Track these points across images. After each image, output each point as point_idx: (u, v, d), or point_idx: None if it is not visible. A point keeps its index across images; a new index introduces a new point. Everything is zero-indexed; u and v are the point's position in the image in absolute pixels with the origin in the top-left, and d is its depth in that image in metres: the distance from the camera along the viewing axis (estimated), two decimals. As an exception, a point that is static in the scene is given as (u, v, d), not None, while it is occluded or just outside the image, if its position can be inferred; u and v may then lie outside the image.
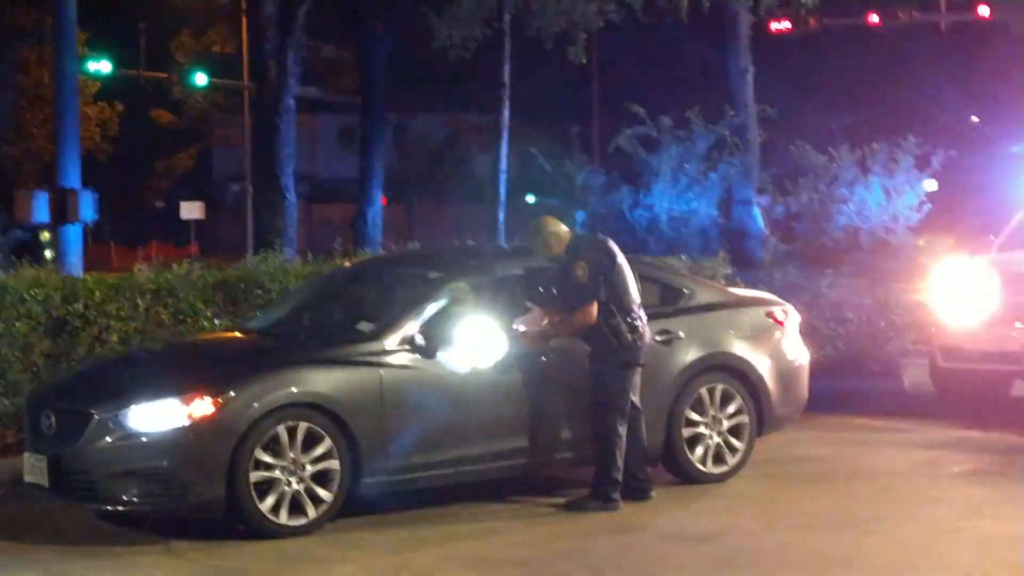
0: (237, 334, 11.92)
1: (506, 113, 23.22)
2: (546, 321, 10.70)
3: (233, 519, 9.75)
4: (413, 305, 10.67)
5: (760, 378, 11.81)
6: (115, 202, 59.71)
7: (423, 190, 62.65)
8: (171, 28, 58.80)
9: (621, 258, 10.79)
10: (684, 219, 19.17)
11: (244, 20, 43.26)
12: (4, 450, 12.34)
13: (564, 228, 10.84)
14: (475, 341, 10.48)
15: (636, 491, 10.86)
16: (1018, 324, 14.59)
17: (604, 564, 9.16)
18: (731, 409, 11.66)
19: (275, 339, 11.31)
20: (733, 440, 11.66)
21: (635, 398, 10.83)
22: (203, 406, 9.61)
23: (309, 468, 9.87)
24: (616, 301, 10.62)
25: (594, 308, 10.55)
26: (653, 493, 10.96)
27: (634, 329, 10.65)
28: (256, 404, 9.71)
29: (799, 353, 12.31)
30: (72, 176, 19.22)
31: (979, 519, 10.24)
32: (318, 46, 35.83)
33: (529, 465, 10.87)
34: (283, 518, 9.79)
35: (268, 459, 9.74)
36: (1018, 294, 14.70)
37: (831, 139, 21.11)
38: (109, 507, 9.80)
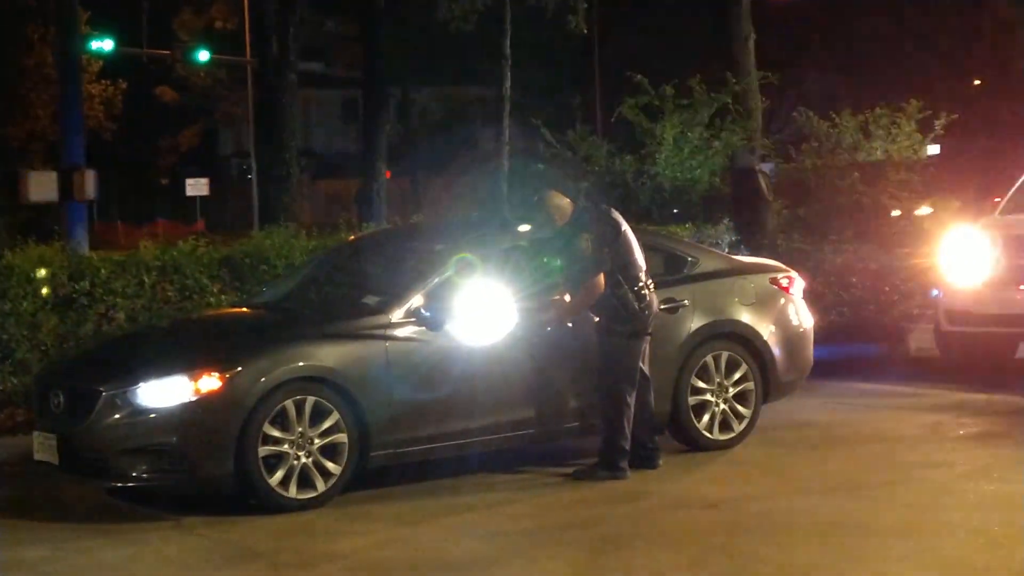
0: (243, 309, 11.96)
1: (508, 84, 23.26)
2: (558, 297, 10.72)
3: (242, 494, 9.80)
4: (418, 278, 10.69)
5: (765, 345, 11.84)
6: (121, 180, 59.76)
7: (427, 163, 62.61)
8: (173, 5, 58.78)
9: (625, 227, 10.80)
10: (688, 187, 19.16)
11: (246, -5, 43.25)
12: (14, 429, 12.40)
13: (567, 200, 10.84)
14: (480, 313, 10.52)
15: (644, 460, 10.91)
16: (1022, 287, 14.60)
17: (612, 533, 9.20)
18: (737, 376, 11.70)
19: (281, 314, 11.34)
20: (739, 407, 11.70)
21: (644, 367, 10.86)
22: (211, 382, 9.66)
23: (317, 442, 9.91)
24: (622, 271, 10.63)
25: (601, 279, 10.56)
26: (660, 461, 11.00)
27: (641, 298, 10.67)
28: (264, 379, 9.75)
29: (804, 319, 12.33)
30: (77, 155, 19.26)
31: (985, 482, 10.28)
32: (320, 20, 35.84)
33: (536, 435, 10.91)
34: (292, 492, 9.83)
35: (276, 433, 9.78)
36: (1022, 257, 14.70)
37: (833, 104, 21.08)
38: (119, 484, 9.85)
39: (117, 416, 9.70)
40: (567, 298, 10.69)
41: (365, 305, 10.76)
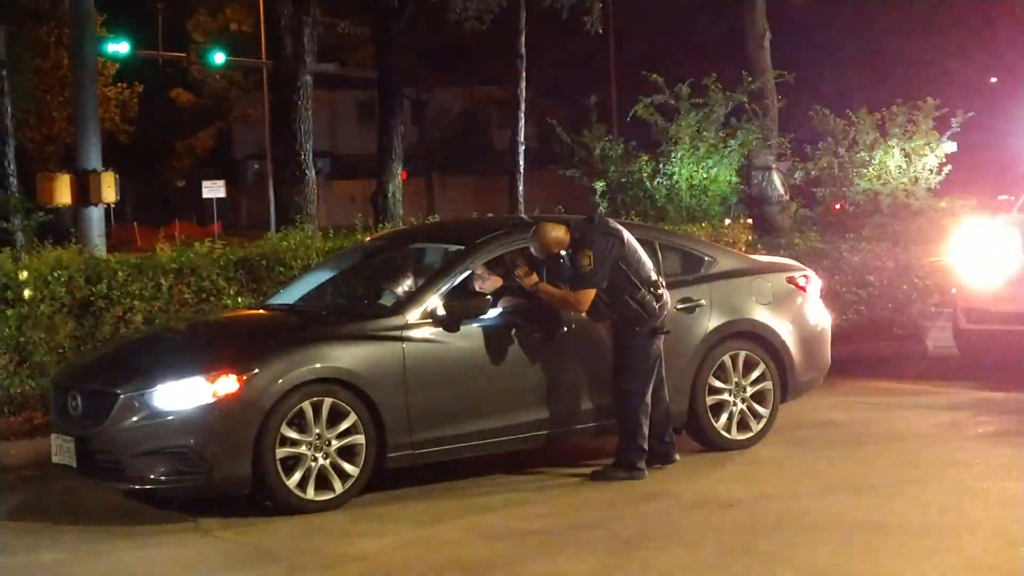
0: (260, 311, 11.96)
1: (523, 84, 23.26)
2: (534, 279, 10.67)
3: (260, 495, 9.80)
4: (435, 278, 10.69)
5: (783, 344, 11.82)
6: (137, 183, 59.92)
7: (443, 163, 62.72)
8: (188, 7, 58.89)
9: (628, 235, 10.76)
10: (704, 186, 19.13)
11: (260, -3, 43.34)
12: (31, 432, 12.41)
13: (562, 228, 10.66)
14: (496, 313, 10.53)
15: (661, 456, 10.90)
16: (1041, 285, 14.56)
17: (630, 533, 9.18)
18: (754, 375, 11.68)
19: (298, 315, 11.36)
20: (757, 406, 11.68)
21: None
22: (228, 383, 9.65)
23: (335, 443, 9.91)
24: (636, 275, 10.61)
25: (591, 296, 10.52)
26: (677, 456, 11.00)
27: (659, 297, 10.68)
28: (281, 380, 9.74)
29: (821, 318, 12.31)
30: (93, 158, 19.28)
31: (1004, 480, 10.24)
32: (334, 21, 35.84)
33: (553, 436, 10.90)
34: (310, 493, 9.83)
35: (294, 435, 9.78)
36: (1040, 254, 14.67)
37: (850, 102, 21.01)
38: (137, 486, 9.85)
39: (134, 418, 9.70)
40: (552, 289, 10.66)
41: (382, 306, 10.77)
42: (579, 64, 52.65)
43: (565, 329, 10.79)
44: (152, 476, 9.70)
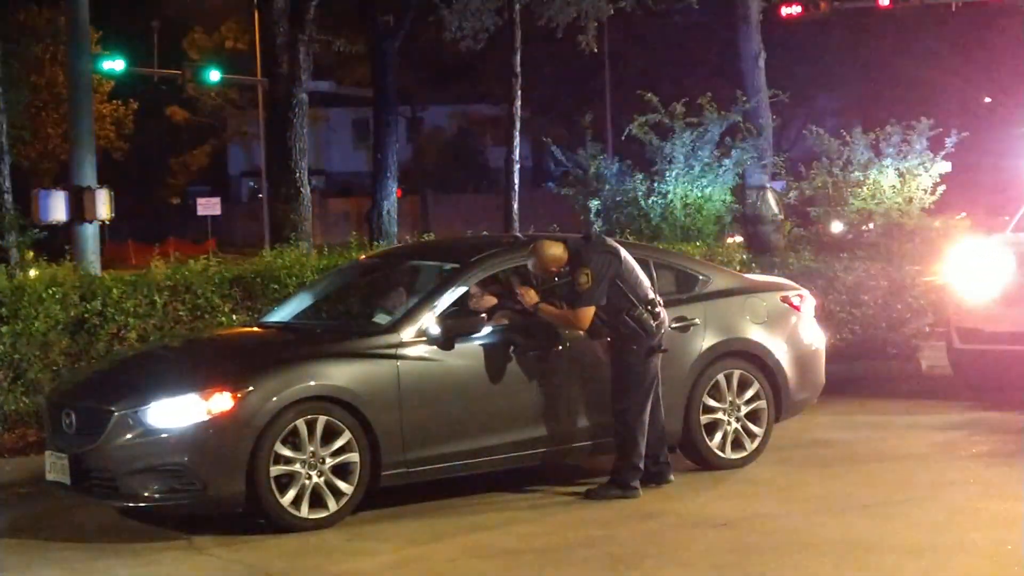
0: (255, 329, 11.96)
1: (518, 103, 23.26)
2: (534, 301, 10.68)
3: (254, 513, 9.79)
4: (429, 297, 10.70)
5: (777, 363, 11.82)
6: (132, 200, 59.93)
7: (437, 181, 62.73)
8: (184, 25, 58.95)
9: (624, 253, 10.78)
10: (698, 205, 19.15)
11: (256, 15, 43.41)
12: (26, 449, 12.40)
13: (559, 246, 10.71)
14: (491, 332, 10.54)
15: (655, 475, 10.89)
16: (1035, 305, 14.55)
17: (625, 552, 9.18)
18: (749, 395, 11.67)
19: (293, 333, 11.35)
20: (751, 425, 11.67)
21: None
22: (222, 401, 9.65)
23: (329, 461, 9.90)
24: (634, 292, 10.62)
25: (590, 313, 10.54)
26: (672, 476, 10.99)
27: (656, 315, 10.68)
28: (275, 398, 9.74)
29: (815, 337, 12.32)
30: (88, 175, 19.24)
31: (998, 500, 10.24)
32: (330, 40, 35.88)
33: (548, 454, 10.89)
34: (304, 511, 9.82)
35: (288, 453, 9.77)
36: (1035, 275, 14.65)
37: (844, 122, 21.04)
38: (130, 504, 9.85)
39: (128, 436, 9.69)
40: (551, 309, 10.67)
41: (376, 324, 10.77)
42: (574, 83, 52.74)
43: (560, 347, 10.80)
44: (146, 494, 9.69)
